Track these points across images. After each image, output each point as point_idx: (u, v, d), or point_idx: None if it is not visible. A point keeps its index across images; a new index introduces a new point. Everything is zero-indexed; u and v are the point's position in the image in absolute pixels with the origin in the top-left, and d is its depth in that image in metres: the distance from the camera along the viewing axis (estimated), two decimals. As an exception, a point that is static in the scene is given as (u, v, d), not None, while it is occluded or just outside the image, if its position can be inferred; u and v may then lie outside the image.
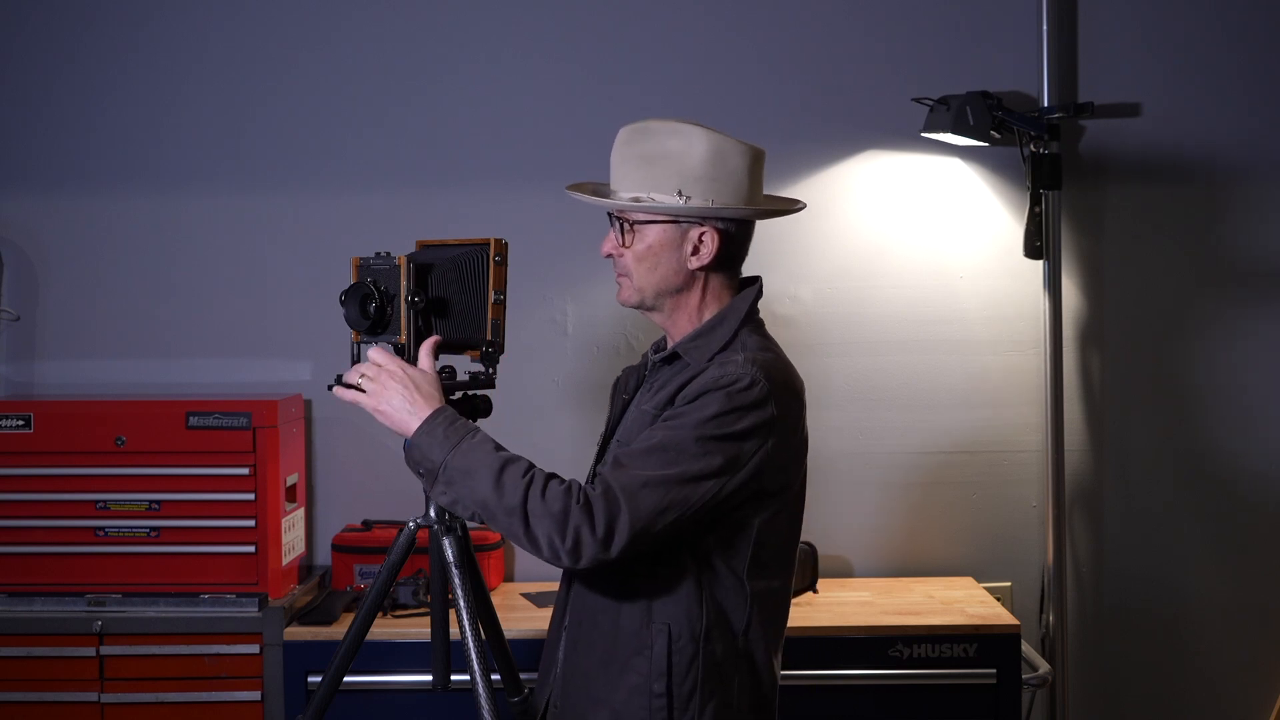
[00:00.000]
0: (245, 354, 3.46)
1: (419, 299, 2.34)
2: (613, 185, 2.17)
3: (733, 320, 2.14)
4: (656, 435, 2.02)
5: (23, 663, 3.01)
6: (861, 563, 3.45)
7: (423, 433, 2.08)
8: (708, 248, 2.12)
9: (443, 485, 2.04)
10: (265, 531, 3.08)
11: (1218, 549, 3.44)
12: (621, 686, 2.08)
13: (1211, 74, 3.40)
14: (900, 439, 3.45)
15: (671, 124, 2.12)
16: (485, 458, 2.04)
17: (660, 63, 3.41)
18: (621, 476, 1.99)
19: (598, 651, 2.12)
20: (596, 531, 1.96)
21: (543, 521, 1.97)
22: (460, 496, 2.03)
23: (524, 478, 2.00)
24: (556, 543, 1.97)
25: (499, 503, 2.00)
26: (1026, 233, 3.33)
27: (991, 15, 3.40)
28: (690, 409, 2.02)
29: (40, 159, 3.46)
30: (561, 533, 1.97)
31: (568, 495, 1.98)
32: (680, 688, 2.06)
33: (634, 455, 2.02)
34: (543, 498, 1.98)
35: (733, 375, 2.03)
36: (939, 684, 2.96)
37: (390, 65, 3.43)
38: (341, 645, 2.49)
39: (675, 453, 2.00)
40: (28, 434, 3.08)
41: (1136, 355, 3.43)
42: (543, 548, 1.99)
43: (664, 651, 2.06)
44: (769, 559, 2.11)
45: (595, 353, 3.45)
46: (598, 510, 1.97)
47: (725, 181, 2.10)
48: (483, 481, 2.01)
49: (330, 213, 3.43)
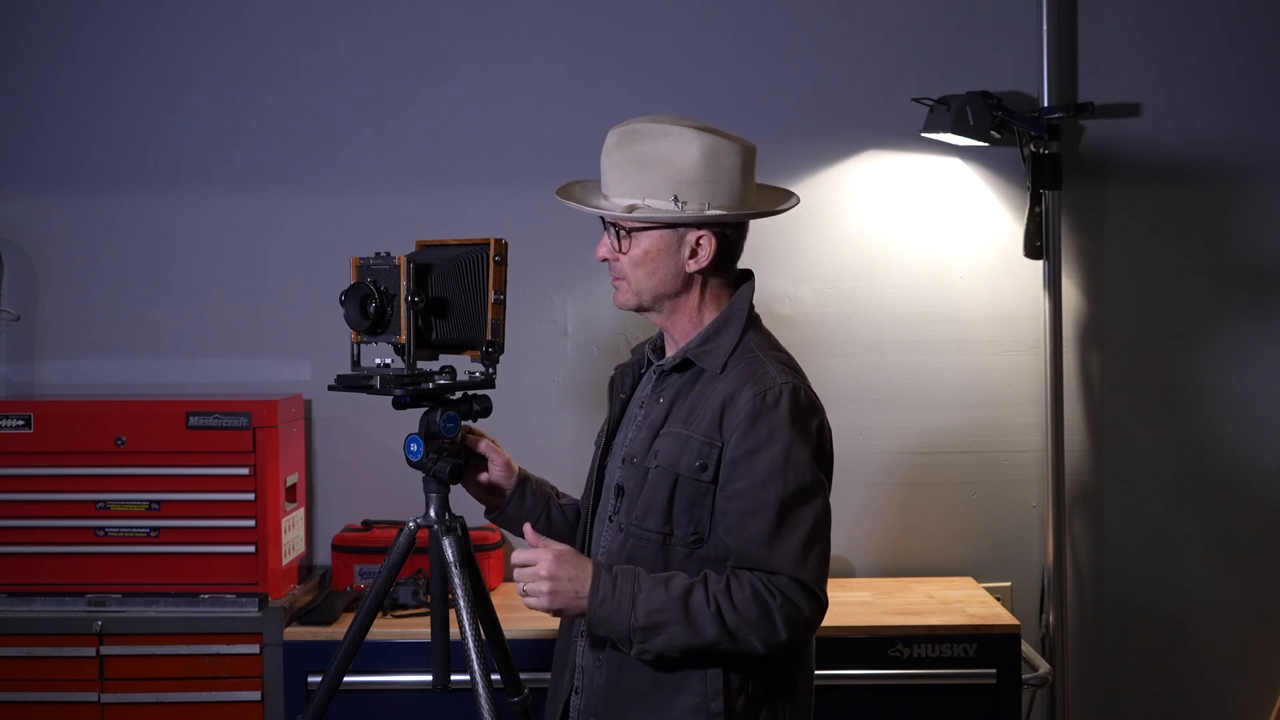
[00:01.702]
0: (245, 354, 3.46)
1: (419, 299, 2.34)
2: (604, 189, 2.15)
3: (737, 321, 2.14)
4: (769, 494, 2.02)
5: (23, 663, 3.01)
6: (861, 563, 3.45)
7: (597, 605, 2.03)
8: (705, 251, 2.11)
9: (639, 646, 2.04)
10: (265, 531, 3.08)
11: (1218, 549, 3.44)
12: (675, 706, 2.07)
13: (1211, 74, 3.40)
14: (900, 439, 3.45)
15: (661, 125, 2.11)
16: (664, 601, 2.01)
17: (660, 63, 3.41)
18: (785, 553, 2.01)
19: (646, 672, 2.09)
20: (805, 611, 2.01)
21: (752, 632, 2.00)
22: (664, 650, 2.03)
23: (709, 606, 2.00)
24: (773, 637, 2.01)
25: (699, 641, 2.01)
26: (1026, 233, 3.33)
27: (991, 15, 3.40)
28: (763, 445, 2.03)
29: (40, 159, 3.46)
30: (774, 630, 2.00)
31: (759, 600, 2.00)
32: (736, 703, 2.06)
33: (770, 528, 2.02)
34: (736, 614, 2.00)
35: (776, 389, 2.06)
36: (939, 684, 2.96)
37: (391, 66, 3.43)
38: (341, 645, 2.49)
39: (794, 505, 2.03)
40: (28, 434, 3.08)
41: (1136, 355, 3.43)
42: (758, 648, 2.02)
43: (720, 670, 2.06)
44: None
45: (595, 353, 3.45)
46: (794, 594, 2.01)
47: (720, 183, 2.10)
48: (677, 630, 2.01)
49: (330, 213, 3.43)
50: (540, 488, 2.41)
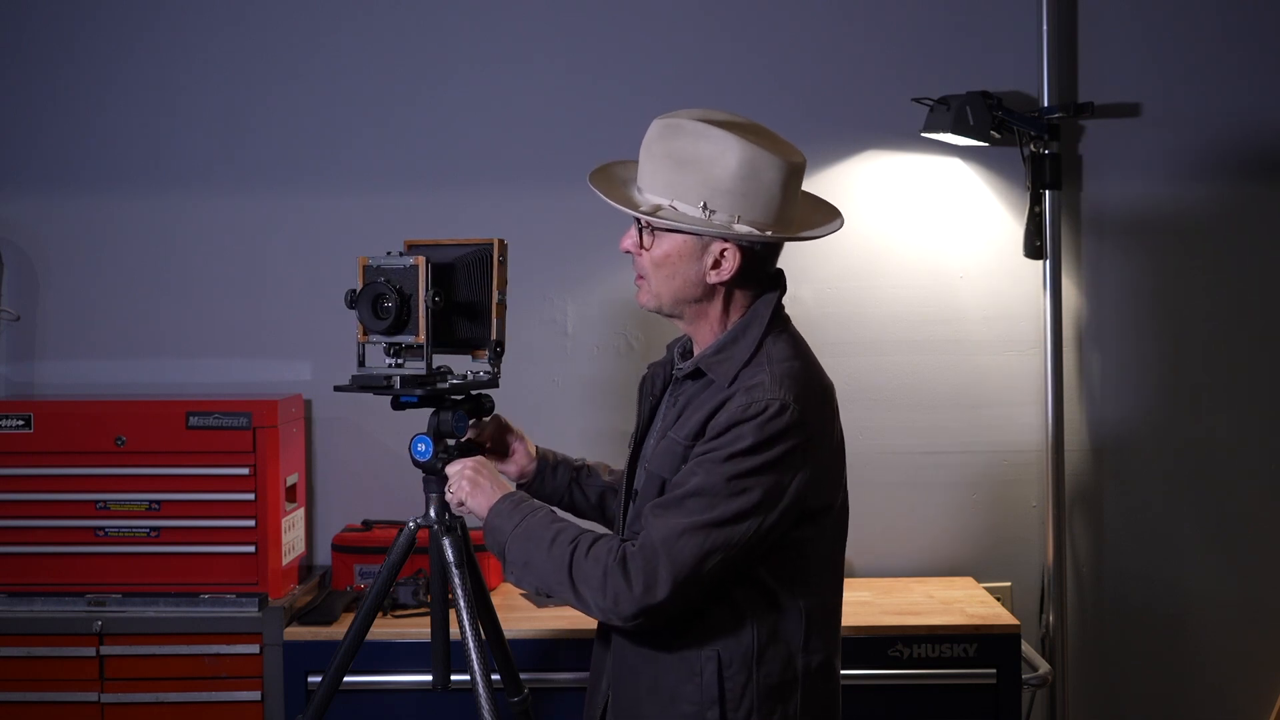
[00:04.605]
0: (245, 354, 3.46)
1: (439, 299, 2.34)
2: (639, 180, 2.07)
3: (755, 330, 2.05)
4: (692, 479, 1.97)
5: (23, 663, 3.01)
6: (861, 563, 3.45)
7: (493, 514, 2.12)
8: (729, 264, 2.03)
9: (509, 564, 2.06)
10: (265, 531, 3.08)
11: (1217, 548, 3.44)
12: (672, 714, 2.04)
13: (1211, 74, 3.40)
14: (900, 439, 3.45)
15: (705, 125, 2.00)
16: (541, 530, 2.04)
17: (660, 63, 3.41)
18: (660, 528, 1.96)
19: (644, 678, 2.07)
20: (634, 587, 1.94)
21: (587, 583, 1.97)
22: (522, 577, 2.05)
23: (570, 544, 2.00)
24: (600, 601, 1.97)
25: (553, 573, 2.01)
26: (1026, 233, 3.33)
27: (991, 15, 3.40)
28: (721, 444, 1.96)
29: (40, 159, 3.46)
30: (601, 591, 1.96)
31: (608, 555, 1.97)
32: (735, 713, 2.01)
33: (672, 503, 1.97)
34: (586, 559, 1.98)
35: (761, 402, 1.96)
36: (939, 684, 2.96)
37: (391, 65, 3.43)
38: (341, 645, 2.49)
39: (710, 496, 1.95)
40: (28, 434, 3.08)
41: (1136, 355, 3.43)
42: (591, 609, 1.99)
43: (714, 679, 2.01)
44: (820, 572, 2.08)
45: (595, 353, 3.45)
46: (634, 566, 1.95)
47: (755, 197, 2.00)
48: (538, 555, 2.02)
49: (330, 213, 3.43)
50: (562, 471, 2.39)
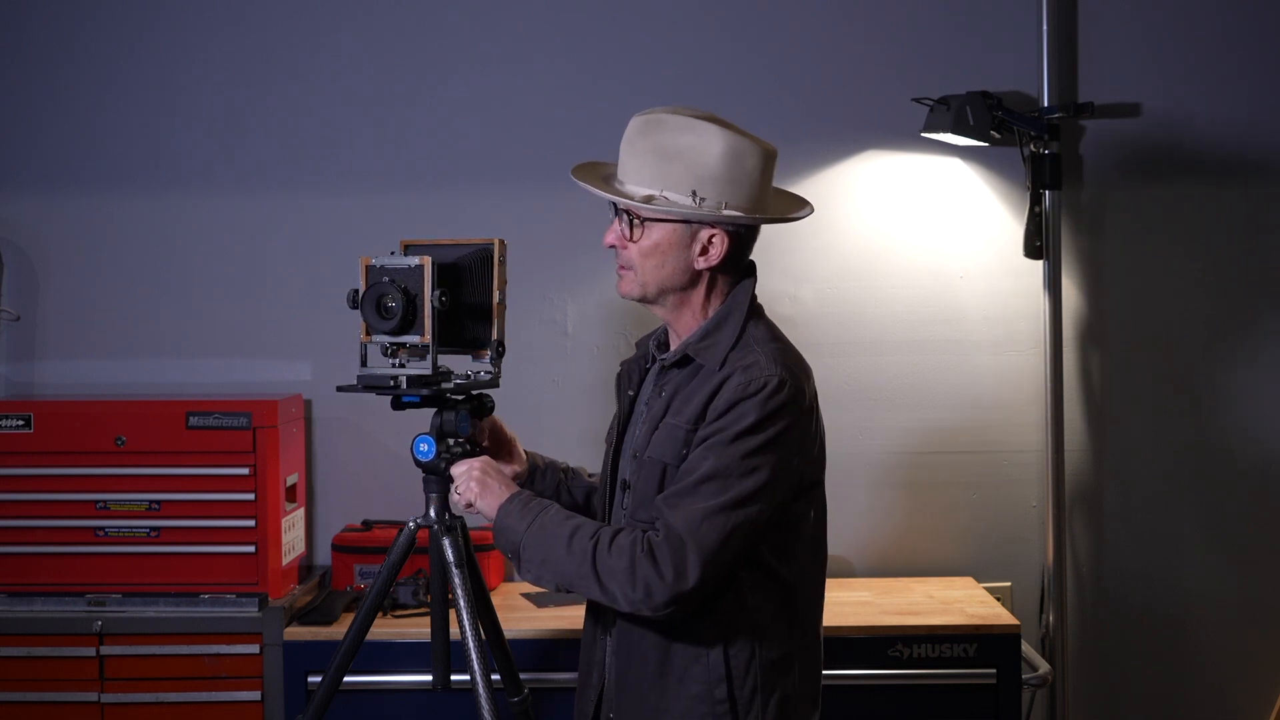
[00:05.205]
0: (245, 354, 3.46)
1: (446, 299, 2.34)
2: (621, 175, 2.14)
3: (738, 315, 2.12)
4: (704, 464, 2.01)
5: (23, 663, 3.01)
6: (861, 563, 3.45)
7: (503, 514, 2.13)
8: (717, 249, 2.10)
9: (525, 562, 2.08)
10: (265, 531, 3.08)
11: (1217, 548, 3.44)
12: (682, 695, 2.08)
13: (1211, 74, 3.40)
14: (900, 439, 3.45)
15: (686, 118, 2.09)
16: (557, 528, 2.07)
17: (660, 63, 3.41)
18: (680, 516, 2.00)
19: (651, 662, 2.10)
20: (665, 575, 1.98)
21: (613, 577, 2.00)
22: (541, 575, 2.07)
23: (590, 539, 2.03)
24: (630, 594, 1.99)
25: (575, 569, 2.03)
26: (1026, 233, 3.33)
27: (991, 15, 3.40)
28: (726, 424, 2.02)
29: (40, 159, 3.46)
30: (631, 583, 1.99)
31: (633, 546, 2.00)
32: (741, 690, 2.07)
33: (686, 490, 2.02)
34: (609, 553, 2.01)
35: (760, 379, 2.02)
36: (939, 684, 2.96)
37: (391, 65, 3.43)
38: (341, 645, 2.49)
39: (724, 479, 2.00)
40: (28, 434, 3.08)
41: (1136, 355, 3.43)
42: (620, 603, 2.02)
43: (720, 657, 2.06)
44: (810, 549, 2.13)
45: (595, 353, 3.45)
46: (661, 554, 1.98)
47: (739, 183, 2.08)
48: (557, 552, 2.04)
49: (330, 213, 3.43)
50: (550, 474, 2.42)
